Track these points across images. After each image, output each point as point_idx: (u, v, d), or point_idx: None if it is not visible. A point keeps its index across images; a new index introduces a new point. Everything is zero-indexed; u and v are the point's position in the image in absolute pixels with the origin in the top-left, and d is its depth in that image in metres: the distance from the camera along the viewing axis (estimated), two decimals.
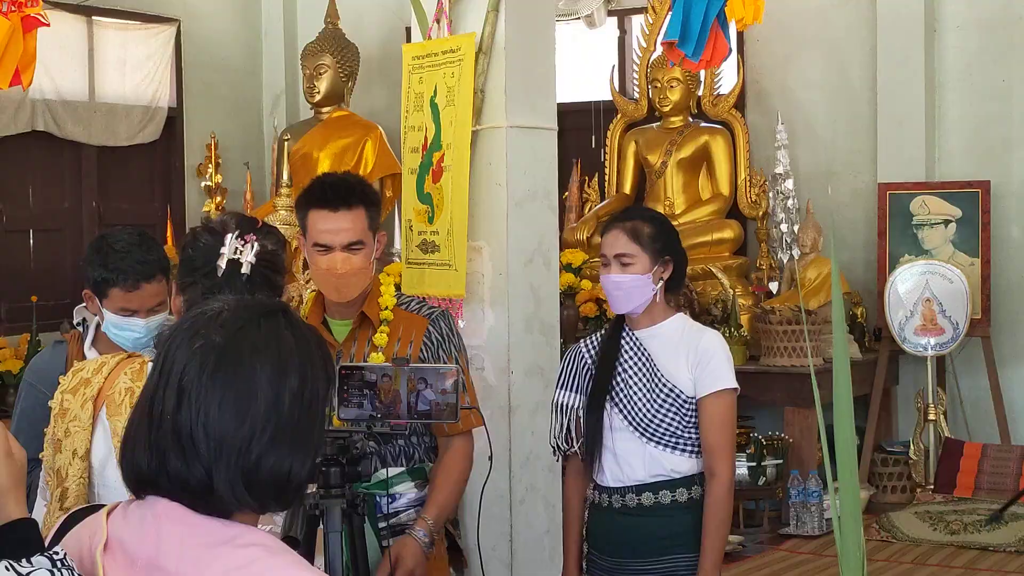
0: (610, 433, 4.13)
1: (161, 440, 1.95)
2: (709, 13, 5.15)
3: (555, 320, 5.72)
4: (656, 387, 4.08)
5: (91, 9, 9.13)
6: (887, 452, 8.52)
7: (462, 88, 5.31)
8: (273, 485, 1.98)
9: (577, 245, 9.03)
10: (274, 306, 2.10)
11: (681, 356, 4.10)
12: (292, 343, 2.03)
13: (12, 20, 4.88)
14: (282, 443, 1.97)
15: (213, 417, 1.94)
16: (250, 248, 2.92)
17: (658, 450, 4.08)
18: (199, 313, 2.04)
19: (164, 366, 2.00)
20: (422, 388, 2.69)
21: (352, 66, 9.63)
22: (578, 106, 9.82)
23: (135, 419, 2.01)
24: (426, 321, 4.05)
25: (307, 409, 2.02)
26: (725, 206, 9.18)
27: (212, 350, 1.97)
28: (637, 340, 4.17)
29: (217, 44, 10.20)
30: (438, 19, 5.47)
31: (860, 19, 9.06)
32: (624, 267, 4.09)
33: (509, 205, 5.42)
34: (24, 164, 8.95)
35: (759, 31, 9.32)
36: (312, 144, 9.52)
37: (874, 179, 8.92)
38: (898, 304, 8.45)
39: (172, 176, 9.92)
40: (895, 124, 8.82)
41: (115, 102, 9.40)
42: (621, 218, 4.19)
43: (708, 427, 4.05)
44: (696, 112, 9.41)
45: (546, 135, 5.63)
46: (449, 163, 5.35)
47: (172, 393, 1.96)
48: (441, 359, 3.99)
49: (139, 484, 1.99)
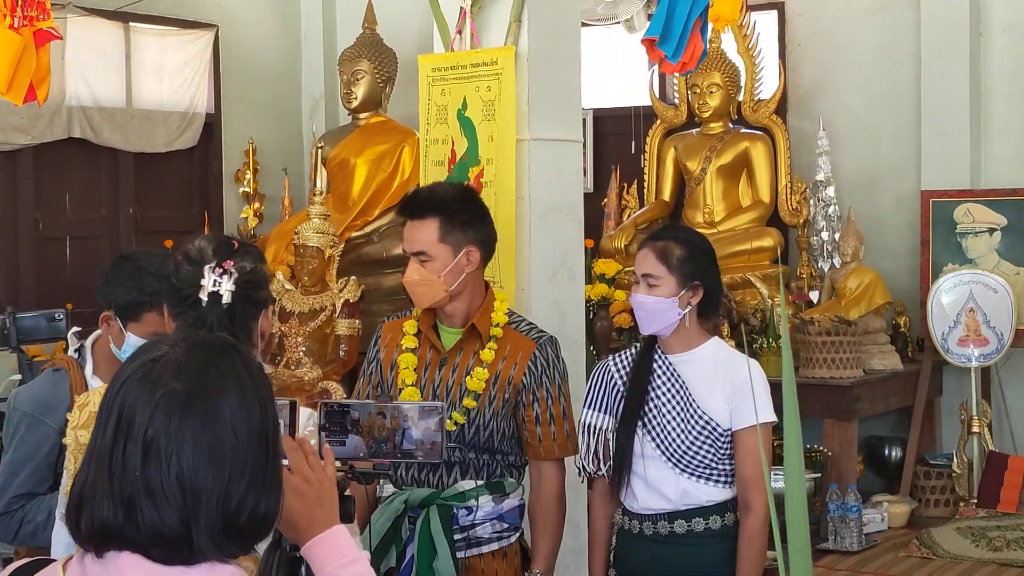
0: (641, 460, 4.05)
1: (128, 492, 1.88)
2: (692, 14, 5.06)
3: (581, 336, 5.62)
4: (690, 417, 3.99)
5: (128, 15, 9.10)
6: (929, 465, 8.37)
7: (503, 102, 5.24)
8: (252, 528, 1.94)
9: (615, 253, 8.92)
10: (224, 343, 2.05)
11: (717, 385, 4.01)
12: (248, 379, 1.99)
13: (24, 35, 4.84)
14: (256, 484, 1.93)
15: (187, 468, 1.89)
16: (228, 277, 2.91)
17: (691, 481, 4.01)
18: (148, 360, 1.97)
19: (122, 419, 1.92)
20: (407, 426, 2.61)
21: (390, 71, 9.57)
22: (617, 112, 9.76)
23: (89, 475, 1.93)
24: (534, 345, 4.09)
25: (272, 443, 1.99)
26: (765, 213, 9.05)
27: (176, 398, 1.91)
28: (670, 365, 4.08)
29: (255, 49, 10.16)
30: (461, 30, 5.39)
31: (904, 23, 8.90)
32: (650, 288, 4.01)
33: (532, 218, 5.33)
34: (61, 171, 8.95)
35: (800, 35, 9.21)
36: (349, 150, 9.46)
37: (917, 186, 8.76)
38: (941, 314, 8.30)
39: (210, 182, 9.89)
40: (939, 130, 8.66)
41: (152, 108, 9.38)
42: (655, 236, 4.10)
43: (744, 460, 3.97)
44: (736, 118, 9.28)
45: (570, 147, 5.54)
46: (490, 178, 5.28)
47: (136, 447, 1.90)
48: (544, 385, 4.07)
49: (102, 539, 1.91)
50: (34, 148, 8.68)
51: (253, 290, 3.00)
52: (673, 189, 9.47)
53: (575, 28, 5.64)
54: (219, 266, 2.92)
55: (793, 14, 9.31)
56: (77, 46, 8.80)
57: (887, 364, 8.36)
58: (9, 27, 4.83)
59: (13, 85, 4.85)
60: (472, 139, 5.35)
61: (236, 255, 3.00)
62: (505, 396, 4.04)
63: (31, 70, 4.92)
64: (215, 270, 2.92)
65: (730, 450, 3.99)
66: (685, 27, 4.92)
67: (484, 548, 4.08)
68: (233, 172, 9.93)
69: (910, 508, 8.10)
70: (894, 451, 8.58)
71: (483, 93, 5.32)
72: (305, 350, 8.13)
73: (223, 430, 1.91)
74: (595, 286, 8.18)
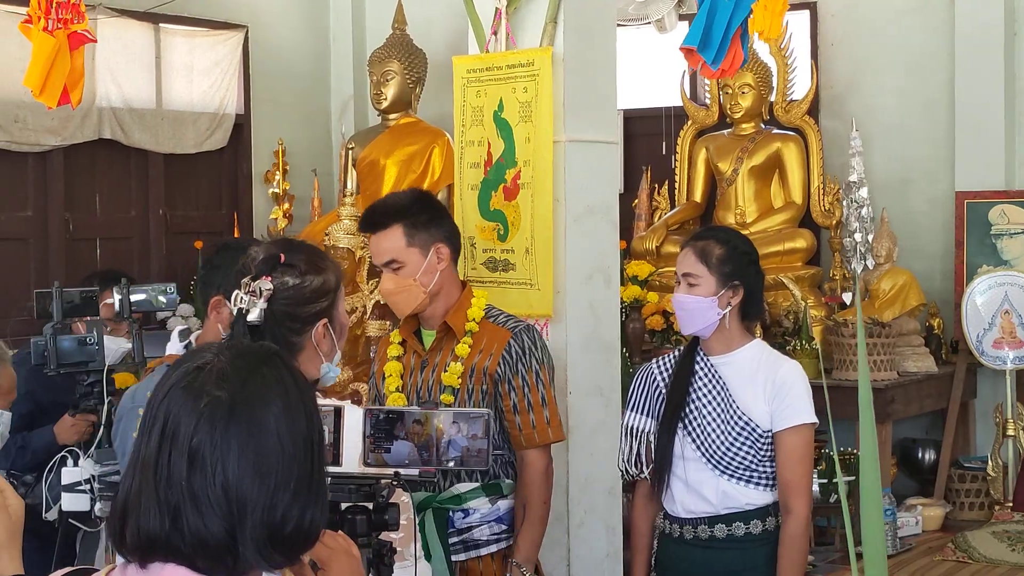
0: (681, 461, 4.03)
1: (174, 501, 1.85)
2: (732, 22, 5.02)
3: (615, 339, 5.58)
4: (731, 419, 3.97)
5: (158, 16, 9.10)
6: (964, 468, 8.30)
7: (540, 103, 5.20)
8: (297, 538, 1.90)
9: (646, 254, 8.87)
10: (269, 351, 2.02)
11: (758, 387, 3.99)
12: (294, 387, 1.95)
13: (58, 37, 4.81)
14: (302, 493, 1.90)
15: (233, 477, 1.85)
16: (258, 296, 2.88)
17: (731, 483, 3.98)
18: (192, 368, 1.93)
19: (166, 428, 1.89)
20: (453, 433, 2.57)
21: (419, 72, 9.54)
22: (648, 112, 9.70)
23: (134, 484, 1.89)
24: (509, 334, 4.12)
25: (317, 454, 1.95)
26: (798, 215, 8.98)
27: (221, 407, 1.88)
28: (712, 366, 4.06)
29: (285, 50, 10.14)
30: (496, 31, 5.35)
31: (937, 22, 8.83)
32: (690, 287, 3.99)
33: (567, 221, 5.29)
34: (91, 172, 8.95)
35: (833, 35, 9.15)
36: (379, 151, 9.43)
37: (951, 187, 8.69)
38: (976, 316, 8.23)
39: (239, 183, 9.88)
40: (973, 130, 8.58)
41: (182, 109, 9.37)
42: (697, 236, 4.10)
43: (785, 462, 3.94)
44: (768, 119, 9.22)
45: (606, 149, 5.50)
46: (527, 180, 5.24)
47: (181, 456, 1.86)
48: (520, 373, 4.09)
49: (147, 549, 1.87)
50: (64, 149, 8.69)
51: (295, 306, 2.97)
52: (704, 190, 9.41)
53: (611, 29, 5.59)
54: (251, 284, 2.90)
55: (826, 14, 9.24)
56: (107, 47, 8.79)
57: (921, 366, 8.29)
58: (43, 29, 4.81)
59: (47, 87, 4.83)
60: (509, 141, 5.32)
61: (279, 269, 2.97)
62: (483, 388, 4.06)
63: (65, 73, 4.89)
64: (246, 287, 2.90)
65: (770, 452, 3.96)
66: (725, 35, 4.87)
67: (482, 551, 4.10)
68: (263, 173, 9.92)
69: (945, 511, 8.04)
70: (928, 454, 8.51)
71: (520, 95, 5.28)
72: None
73: (268, 439, 1.88)
74: (627, 288, 8.12)
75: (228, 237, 4.16)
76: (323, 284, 3.03)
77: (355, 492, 2.53)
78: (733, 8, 4.87)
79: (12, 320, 8.51)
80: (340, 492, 2.53)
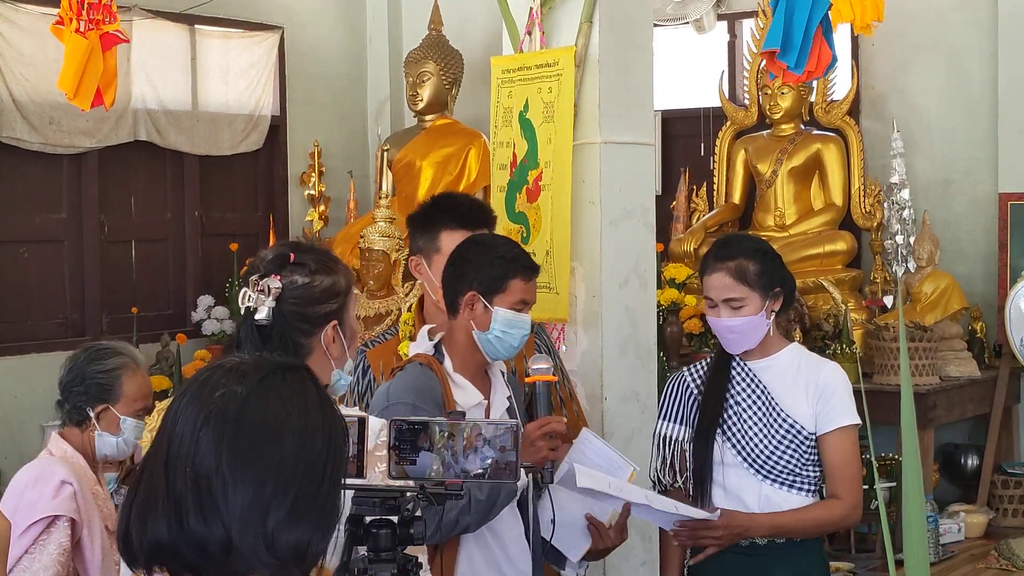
0: (721, 467, 3.98)
1: (179, 498, 1.79)
2: (812, 19, 4.85)
3: (652, 343, 5.50)
4: (774, 422, 3.92)
5: (194, 18, 9.07)
6: (1007, 474, 8.17)
7: (562, 104, 5.12)
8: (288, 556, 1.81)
9: (684, 257, 8.78)
10: (295, 362, 1.95)
11: (800, 389, 3.95)
12: (317, 401, 1.87)
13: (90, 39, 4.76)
14: (301, 510, 1.81)
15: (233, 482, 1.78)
16: (266, 295, 2.83)
17: (773, 488, 3.93)
18: (216, 366, 1.88)
19: (178, 420, 1.83)
20: (480, 445, 2.50)
21: (456, 73, 9.48)
22: (686, 113, 9.62)
23: (145, 481, 1.83)
24: (531, 335, 4.04)
25: (328, 476, 1.85)
26: (838, 217, 8.87)
27: (235, 398, 1.82)
28: (750, 371, 4.00)
29: (321, 51, 10.10)
30: (530, 31, 5.27)
31: (980, 21, 8.70)
32: (735, 310, 3.91)
33: (603, 224, 5.21)
34: (126, 174, 8.92)
35: (874, 35, 9.01)
36: (415, 153, 9.38)
37: (995, 188, 8.56)
38: (1019, 319, 8.09)
39: (275, 185, 9.84)
40: (1017, 130, 8.45)
41: (218, 111, 9.33)
42: (722, 256, 3.96)
43: (833, 463, 3.92)
44: (808, 119, 9.11)
45: (643, 151, 5.41)
46: (548, 182, 5.17)
47: (190, 448, 1.80)
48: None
49: (155, 556, 1.81)
50: (99, 151, 8.66)
51: (304, 305, 2.92)
52: (743, 192, 9.31)
53: (647, 29, 5.51)
54: (259, 282, 2.86)
55: None
56: (142, 49, 8.77)
57: (963, 371, 8.17)
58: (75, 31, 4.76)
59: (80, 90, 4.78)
60: (532, 142, 5.25)
61: (288, 268, 2.92)
62: (525, 388, 4.04)
63: (98, 74, 4.84)
64: (255, 285, 2.85)
65: (814, 456, 3.93)
66: (806, 35, 4.71)
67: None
68: (298, 175, 9.88)
69: (988, 518, 7.92)
70: (970, 459, 8.39)
71: (544, 95, 5.20)
72: None
73: (274, 449, 1.80)
74: (665, 291, 8.04)
75: (479, 234, 4.05)
76: (333, 285, 2.97)
77: (379, 505, 2.45)
78: (812, 4, 4.70)
79: (47, 323, 8.50)
80: (364, 505, 2.46)
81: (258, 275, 2.90)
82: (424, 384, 3.63)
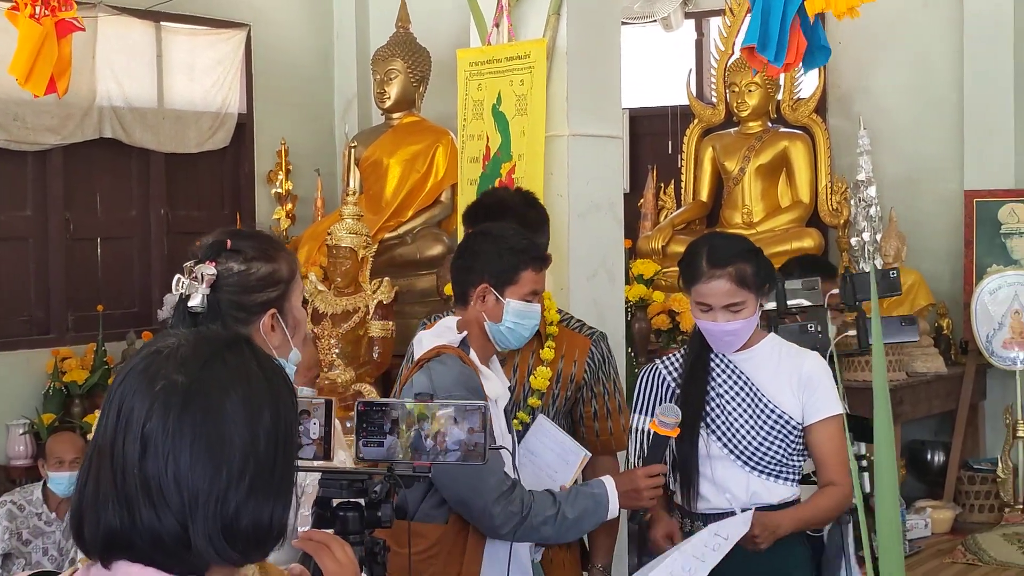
0: (707, 460, 3.98)
1: (129, 492, 1.75)
2: (788, 11, 4.85)
3: (621, 336, 5.50)
4: (761, 413, 3.94)
5: (159, 14, 9.02)
6: (974, 470, 8.21)
7: (534, 96, 5.12)
8: (254, 535, 1.79)
9: (652, 254, 8.79)
10: (236, 337, 1.91)
11: (783, 380, 3.96)
12: (260, 376, 1.83)
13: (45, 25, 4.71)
14: (260, 489, 1.78)
15: (184, 467, 1.74)
16: (199, 281, 2.76)
17: (761, 479, 3.94)
18: (153, 351, 1.82)
19: (121, 412, 1.78)
20: (449, 426, 2.48)
21: (423, 71, 9.46)
22: (654, 111, 9.63)
23: (93, 473, 1.78)
24: (588, 341, 4.17)
25: (283, 448, 1.82)
26: (805, 214, 8.90)
27: (175, 392, 1.76)
28: (731, 363, 4.01)
29: (288, 49, 10.06)
30: (498, 24, 5.27)
31: (946, 20, 8.75)
32: (736, 313, 3.89)
33: (571, 216, 5.21)
34: (92, 172, 8.86)
35: (841, 33, 9.05)
36: (382, 150, 9.36)
37: (960, 186, 8.61)
38: (985, 316, 8.14)
39: (242, 183, 9.80)
40: (983, 128, 8.50)
41: (184, 108, 9.29)
42: (719, 262, 3.90)
43: (823, 451, 3.95)
44: (775, 117, 9.14)
45: (610, 143, 5.41)
46: (521, 175, 5.17)
47: (135, 443, 1.75)
48: (601, 381, 4.17)
49: (109, 546, 1.76)
50: (64, 148, 8.60)
51: (239, 293, 2.82)
52: (711, 189, 9.33)
53: (615, 22, 5.52)
54: (194, 268, 2.78)
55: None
56: (108, 45, 8.71)
57: (930, 367, 8.21)
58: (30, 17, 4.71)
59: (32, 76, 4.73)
60: (505, 134, 5.24)
61: (224, 255, 2.83)
62: (567, 394, 4.12)
63: (52, 61, 4.79)
64: (189, 272, 2.77)
65: (800, 445, 3.95)
66: (783, 27, 4.71)
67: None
68: (265, 173, 9.84)
69: (954, 514, 7.95)
70: (937, 456, 8.43)
71: (516, 87, 5.20)
72: (338, 352, 8.02)
73: (223, 428, 1.76)
74: (633, 287, 8.03)
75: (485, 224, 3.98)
76: (272, 273, 2.87)
77: (347, 488, 2.43)
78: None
79: (12, 321, 8.44)
80: (332, 488, 2.44)
81: (193, 261, 2.82)
82: (469, 377, 3.60)
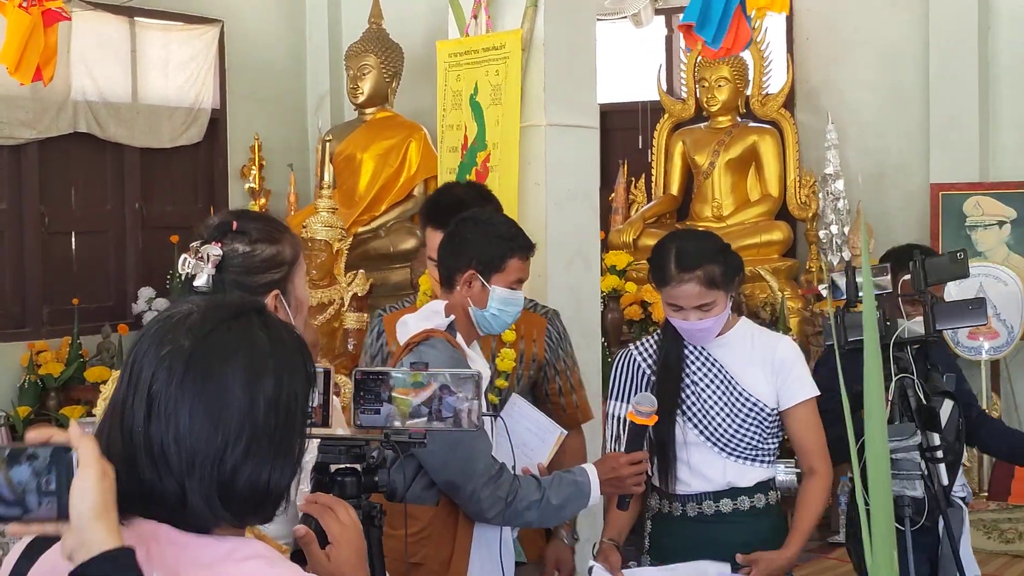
0: (684, 447, 4.03)
1: (133, 452, 1.83)
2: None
3: (596, 323, 5.60)
4: (735, 401, 3.99)
5: (134, 10, 9.07)
6: None
7: (509, 86, 5.20)
8: (251, 497, 1.87)
9: (623, 247, 8.88)
10: (246, 305, 1.97)
11: (756, 366, 4.01)
12: (266, 344, 1.90)
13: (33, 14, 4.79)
14: (258, 453, 1.85)
15: (184, 428, 1.82)
16: (205, 262, 2.81)
17: (737, 464, 4.01)
18: (167, 316, 1.91)
19: (132, 374, 1.87)
20: (444, 394, 2.57)
21: (396, 66, 9.53)
22: (625, 106, 9.71)
23: (106, 432, 1.87)
24: (544, 320, 4.26)
25: (285, 415, 1.89)
26: (774, 207, 9.02)
27: (180, 356, 1.85)
28: (704, 350, 4.05)
29: (261, 45, 10.12)
30: (476, 15, 5.35)
31: (912, 16, 8.88)
32: (706, 312, 3.94)
33: (548, 205, 5.30)
34: (66, 166, 8.90)
35: (808, 29, 9.20)
36: (356, 145, 9.43)
37: (926, 179, 8.74)
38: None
39: (215, 178, 9.85)
40: (948, 123, 8.63)
41: (158, 103, 9.33)
42: (688, 265, 3.90)
43: (801, 434, 4.01)
44: (744, 112, 9.25)
45: (587, 133, 5.51)
46: (496, 163, 5.25)
47: (141, 403, 1.84)
48: (560, 357, 4.27)
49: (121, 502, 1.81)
50: (40, 142, 8.64)
51: (244, 274, 2.86)
52: (681, 183, 9.44)
53: (591, 14, 5.61)
54: (200, 248, 2.83)
55: (801, 8, 9.27)
56: (82, 41, 8.75)
57: None
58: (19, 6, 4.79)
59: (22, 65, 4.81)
60: (480, 124, 5.33)
61: (230, 236, 2.88)
62: (530, 373, 4.19)
63: (39, 50, 4.88)
64: (195, 252, 2.83)
65: (775, 429, 4.01)
66: (725, 12, 4.83)
67: None
68: (238, 168, 9.90)
69: None
70: None
71: (492, 77, 5.28)
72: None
73: (222, 392, 1.84)
74: (606, 278, 8.13)
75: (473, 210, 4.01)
76: (276, 255, 2.92)
77: (345, 454, 2.52)
78: None
79: None
80: (330, 453, 2.52)
81: (200, 241, 2.87)
82: (459, 361, 3.62)
